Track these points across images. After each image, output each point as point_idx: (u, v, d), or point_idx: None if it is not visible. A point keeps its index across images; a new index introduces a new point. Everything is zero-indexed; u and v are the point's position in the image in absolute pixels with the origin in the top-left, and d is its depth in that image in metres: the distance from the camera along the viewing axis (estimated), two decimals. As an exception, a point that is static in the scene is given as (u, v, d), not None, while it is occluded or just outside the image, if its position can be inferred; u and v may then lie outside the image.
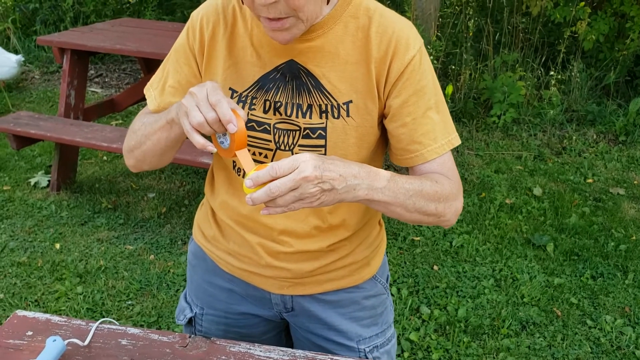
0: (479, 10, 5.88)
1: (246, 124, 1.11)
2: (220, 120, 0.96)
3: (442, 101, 1.13)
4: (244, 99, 1.12)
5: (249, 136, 1.12)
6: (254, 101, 1.12)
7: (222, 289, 1.33)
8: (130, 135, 1.20)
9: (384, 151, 1.23)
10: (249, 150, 1.09)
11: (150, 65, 4.41)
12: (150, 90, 1.23)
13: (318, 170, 0.91)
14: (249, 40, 1.11)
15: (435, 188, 1.07)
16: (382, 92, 1.09)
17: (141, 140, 1.15)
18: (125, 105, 4.35)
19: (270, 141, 1.12)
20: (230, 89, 1.13)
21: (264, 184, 0.91)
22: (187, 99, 0.99)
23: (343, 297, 1.29)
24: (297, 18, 0.99)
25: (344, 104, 1.09)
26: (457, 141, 1.15)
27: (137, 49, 3.49)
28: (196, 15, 1.16)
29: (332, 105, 1.09)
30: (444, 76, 5.22)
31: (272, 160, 1.13)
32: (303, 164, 0.90)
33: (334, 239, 1.21)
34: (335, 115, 1.09)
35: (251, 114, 1.12)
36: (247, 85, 1.12)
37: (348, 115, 1.09)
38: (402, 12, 5.43)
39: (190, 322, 1.39)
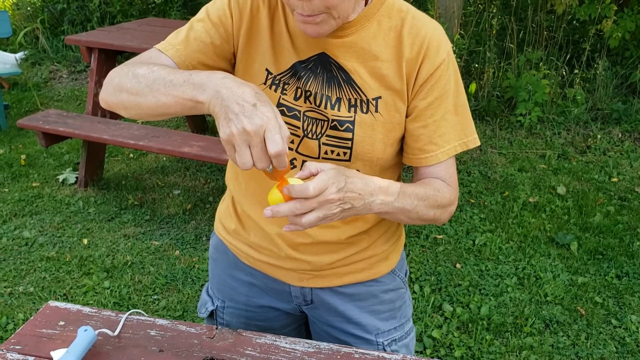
0: (502, 9, 5.83)
1: (277, 107, 1.11)
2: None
3: (462, 104, 1.16)
4: (277, 82, 1.14)
5: None
6: (286, 87, 1.13)
7: (243, 282, 1.35)
8: (127, 74, 1.04)
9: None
10: None
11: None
12: (169, 43, 1.13)
13: (341, 193, 0.95)
14: (285, 27, 1.13)
15: (436, 197, 1.12)
16: (410, 92, 1.12)
17: (142, 91, 1.00)
18: (150, 103, 4.41)
19: (298, 128, 1.13)
20: (266, 69, 1.14)
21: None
22: (235, 113, 0.87)
23: (362, 291, 1.30)
24: (329, 15, 1.01)
25: (373, 99, 1.11)
26: (474, 143, 1.18)
27: (162, 48, 3.54)
28: None
29: (361, 100, 1.11)
30: (467, 74, 5.20)
31: (297, 147, 1.14)
32: (329, 186, 0.94)
33: (353, 231, 1.23)
34: (364, 110, 1.11)
35: (282, 99, 1.13)
36: (282, 70, 1.13)
37: (376, 111, 1.12)
38: (426, 10, 5.42)
39: (211, 315, 1.42)
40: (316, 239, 1.21)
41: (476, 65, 5.20)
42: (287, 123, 1.13)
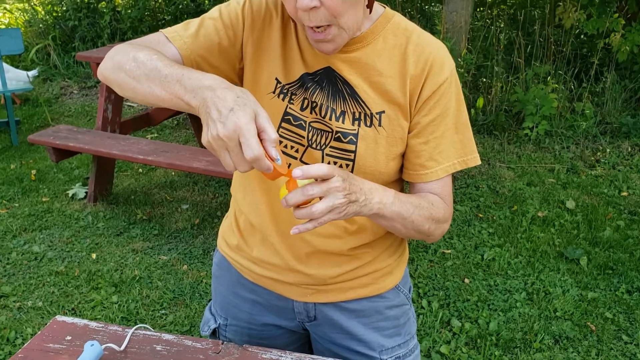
0: (509, 23, 5.85)
1: (283, 116, 1.14)
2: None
3: (463, 122, 1.17)
4: (285, 91, 1.15)
5: (284, 128, 1.15)
6: (294, 97, 1.15)
7: (246, 299, 1.35)
8: (128, 55, 1.03)
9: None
10: (280, 142, 1.12)
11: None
12: (177, 34, 1.12)
13: (346, 182, 0.96)
14: (295, 40, 1.15)
15: (431, 210, 1.13)
16: (413, 108, 1.14)
17: (139, 78, 1.00)
18: (160, 119, 4.45)
19: (303, 137, 1.15)
20: (276, 79, 1.16)
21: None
22: (215, 126, 0.86)
23: (366, 307, 1.30)
24: (339, 27, 1.03)
25: (377, 113, 1.13)
26: (474, 162, 1.20)
27: (171, 64, 3.57)
28: None
29: (365, 114, 1.13)
30: (474, 89, 5.21)
31: (301, 157, 1.16)
32: (335, 175, 0.96)
33: (356, 243, 1.23)
34: (368, 123, 1.13)
35: (289, 108, 1.15)
36: (290, 80, 1.15)
37: (380, 125, 1.13)
38: (433, 26, 5.45)
39: (214, 333, 1.42)
40: (319, 248, 1.21)
41: (484, 80, 5.21)
42: (292, 132, 1.15)
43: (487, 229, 3.52)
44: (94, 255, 3.23)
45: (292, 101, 1.15)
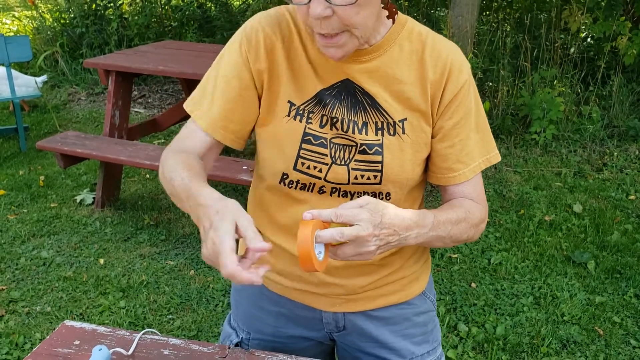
0: (516, 27, 5.85)
1: (302, 137, 1.12)
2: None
3: (482, 121, 1.19)
4: (301, 112, 1.14)
5: (305, 149, 1.13)
6: (311, 115, 1.13)
7: (270, 312, 1.33)
8: (167, 174, 1.10)
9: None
10: (303, 164, 1.13)
11: (192, 85, 4.53)
12: (201, 111, 1.17)
13: (377, 229, 0.97)
14: (305, 56, 1.14)
15: (467, 219, 1.14)
16: (435, 113, 1.14)
17: (174, 195, 1.08)
18: (167, 124, 4.47)
19: (326, 155, 1.13)
20: (289, 101, 1.14)
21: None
22: (202, 242, 0.93)
23: (394, 314, 1.29)
24: (351, 34, 1.03)
25: (399, 121, 1.13)
26: (496, 159, 1.21)
27: (179, 70, 3.60)
28: (253, 29, 1.14)
29: (387, 123, 1.12)
30: (481, 93, 5.17)
31: (325, 175, 1.14)
32: (364, 223, 0.96)
33: (385, 253, 1.20)
34: (391, 132, 1.13)
35: (308, 128, 1.13)
36: (305, 99, 1.14)
37: (404, 133, 1.13)
38: (439, 30, 5.45)
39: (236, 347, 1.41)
40: (349, 262, 1.20)
41: (490, 84, 5.21)
42: (314, 152, 1.13)
43: (494, 233, 3.51)
44: (101, 261, 3.25)
45: (310, 121, 1.13)
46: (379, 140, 1.12)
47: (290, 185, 1.17)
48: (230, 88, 1.14)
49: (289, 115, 1.14)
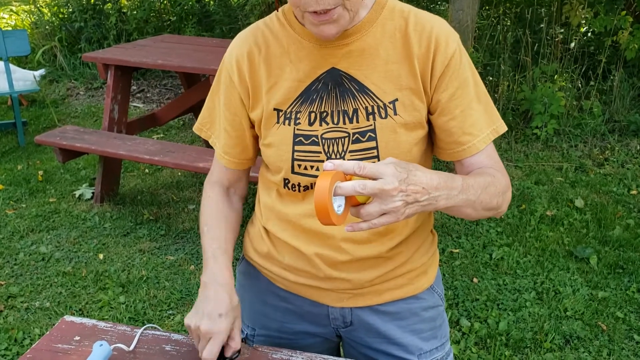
0: (516, 22, 5.82)
1: (294, 140, 1.13)
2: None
3: (482, 92, 1.15)
4: (288, 115, 1.13)
5: (298, 151, 1.13)
6: (298, 115, 1.13)
7: (276, 307, 1.31)
8: (201, 221, 1.28)
9: (431, 149, 1.22)
10: (299, 166, 1.12)
11: (191, 80, 4.50)
12: (222, 150, 1.27)
13: (403, 184, 0.91)
14: (287, 58, 1.14)
15: (495, 183, 1.08)
16: (428, 88, 1.11)
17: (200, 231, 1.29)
18: (166, 119, 4.45)
19: (320, 152, 1.12)
20: (274, 109, 1.14)
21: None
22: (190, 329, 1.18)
23: (402, 309, 1.26)
24: (343, 7, 1.01)
25: (389, 102, 1.10)
26: (503, 128, 1.16)
27: (178, 64, 3.57)
28: (229, 57, 1.20)
29: (378, 106, 1.10)
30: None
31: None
32: (388, 177, 0.90)
33: (391, 243, 1.19)
34: (383, 115, 1.10)
35: (297, 129, 1.13)
36: (290, 101, 1.13)
37: (395, 114, 1.10)
38: (439, 24, 5.41)
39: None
40: (355, 256, 1.18)
41: (490, 78, 5.19)
42: (307, 152, 1.12)
43: (496, 228, 3.50)
44: (101, 256, 3.23)
45: (298, 121, 1.13)
46: (371, 125, 1.10)
47: (293, 189, 1.18)
48: (238, 123, 1.22)
49: (278, 122, 1.14)
